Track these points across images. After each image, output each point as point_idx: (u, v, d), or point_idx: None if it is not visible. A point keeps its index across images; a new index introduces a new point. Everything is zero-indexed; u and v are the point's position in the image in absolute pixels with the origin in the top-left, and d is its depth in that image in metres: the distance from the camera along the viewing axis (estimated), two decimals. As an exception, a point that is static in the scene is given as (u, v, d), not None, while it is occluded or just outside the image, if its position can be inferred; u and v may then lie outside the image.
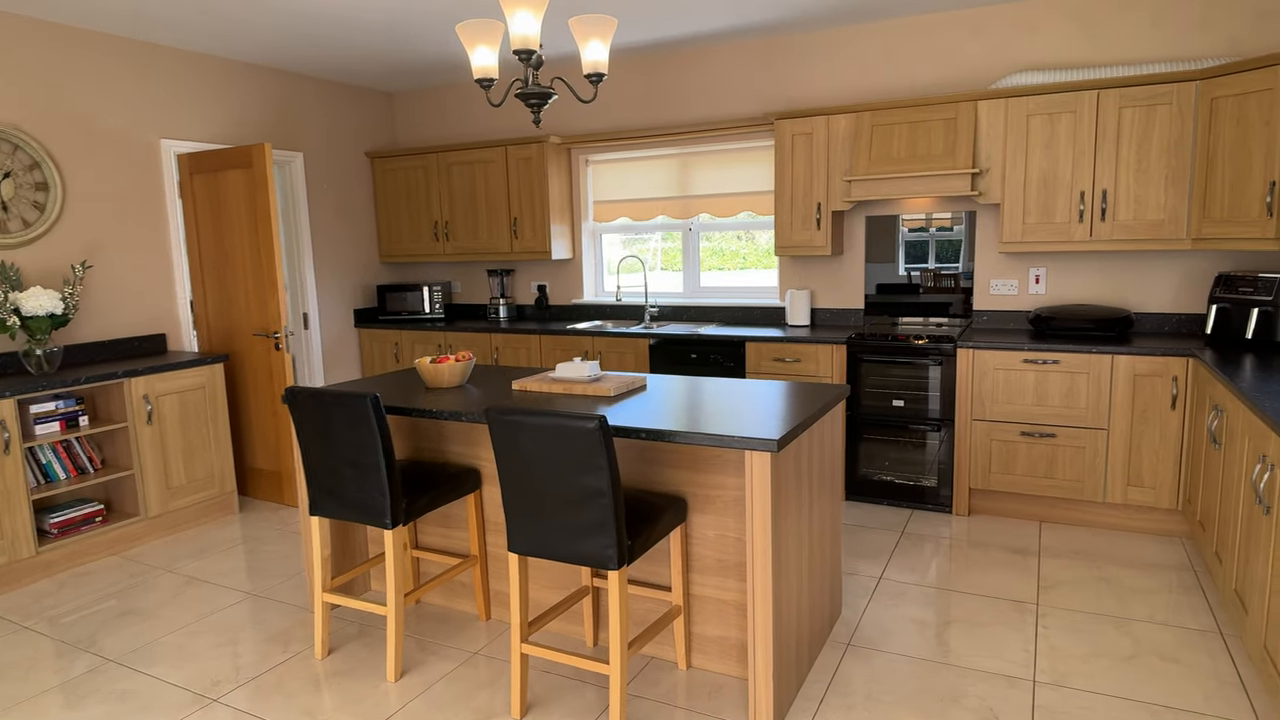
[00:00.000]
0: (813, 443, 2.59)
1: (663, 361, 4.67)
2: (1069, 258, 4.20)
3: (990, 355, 3.87)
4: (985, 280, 4.40)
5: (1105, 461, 3.72)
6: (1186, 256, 3.97)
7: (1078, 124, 3.81)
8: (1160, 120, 3.66)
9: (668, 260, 5.40)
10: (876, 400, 4.14)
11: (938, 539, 3.75)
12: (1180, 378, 3.53)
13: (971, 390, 3.93)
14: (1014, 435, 3.88)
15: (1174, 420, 3.57)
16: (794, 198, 4.46)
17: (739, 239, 5.14)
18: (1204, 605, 3.02)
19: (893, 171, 4.09)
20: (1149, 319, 4.08)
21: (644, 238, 5.43)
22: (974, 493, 4.06)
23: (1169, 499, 3.63)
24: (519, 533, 2.32)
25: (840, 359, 4.20)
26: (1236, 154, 3.44)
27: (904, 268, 4.55)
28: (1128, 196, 3.76)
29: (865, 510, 4.15)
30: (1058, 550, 3.58)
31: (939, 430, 4.02)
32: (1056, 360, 3.75)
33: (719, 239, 5.20)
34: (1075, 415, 3.75)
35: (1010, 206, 3.99)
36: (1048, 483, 3.84)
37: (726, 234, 5.18)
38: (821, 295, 4.81)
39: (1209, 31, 3.79)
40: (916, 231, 4.50)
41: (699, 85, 4.97)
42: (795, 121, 4.41)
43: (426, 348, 5.48)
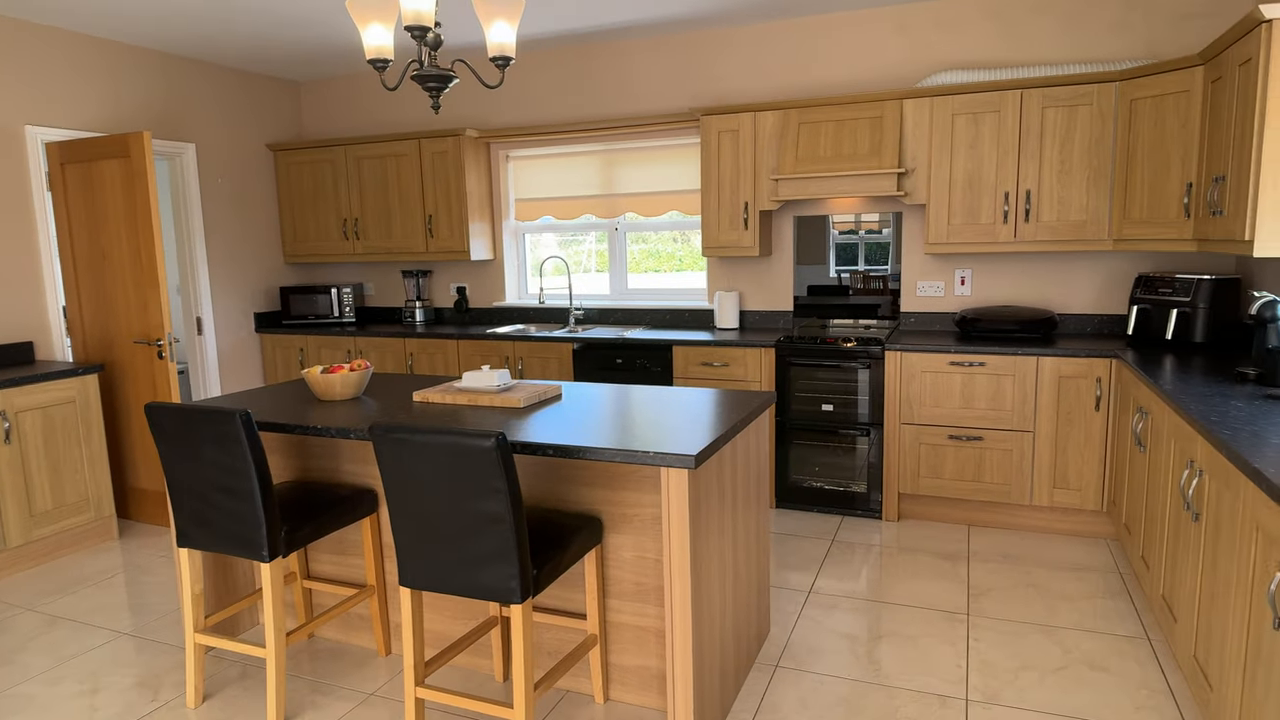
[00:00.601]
0: (737, 454, 2.42)
1: (587, 367, 4.47)
2: (994, 259, 4.17)
3: (918, 358, 3.79)
4: (912, 282, 4.34)
5: (1032, 464, 3.68)
6: (1108, 257, 3.98)
7: (1001, 124, 3.77)
8: (1081, 121, 3.64)
9: (603, 262, 5.19)
10: (806, 405, 4.02)
11: (868, 546, 3.65)
12: (1104, 379, 3.51)
13: (900, 393, 3.84)
14: (942, 439, 3.81)
15: (1098, 422, 3.55)
16: (721, 197, 4.32)
17: (675, 241, 4.98)
18: (1131, 610, 2.98)
19: (819, 171, 3.98)
20: (1072, 320, 4.07)
21: (578, 239, 5.21)
22: (903, 497, 3.98)
23: (1094, 501, 3.61)
24: (410, 564, 2.08)
25: (769, 363, 4.07)
26: (1155, 155, 3.44)
27: (834, 269, 4.46)
28: (1051, 197, 3.74)
29: (796, 518, 4.02)
30: (986, 555, 3.52)
31: (868, 434, 3.93)
32: (982, 362, 3.69)
33: (655, 240, 5.02)
34: (1002, 418, 3.70)
35: (936, 207, 3.93)
36: (975, 486, 3.79)
37: (663, 235, 5.01)
38: (751, 297, 4.69)
39: (1126, 33, 3.80)
40: (847, 233, 4.41)
41: (625, 79, 4.79)
42: (721, 118, 4.26)
43: (335, 354, 5.14)
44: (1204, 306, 3.40)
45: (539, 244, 5.34)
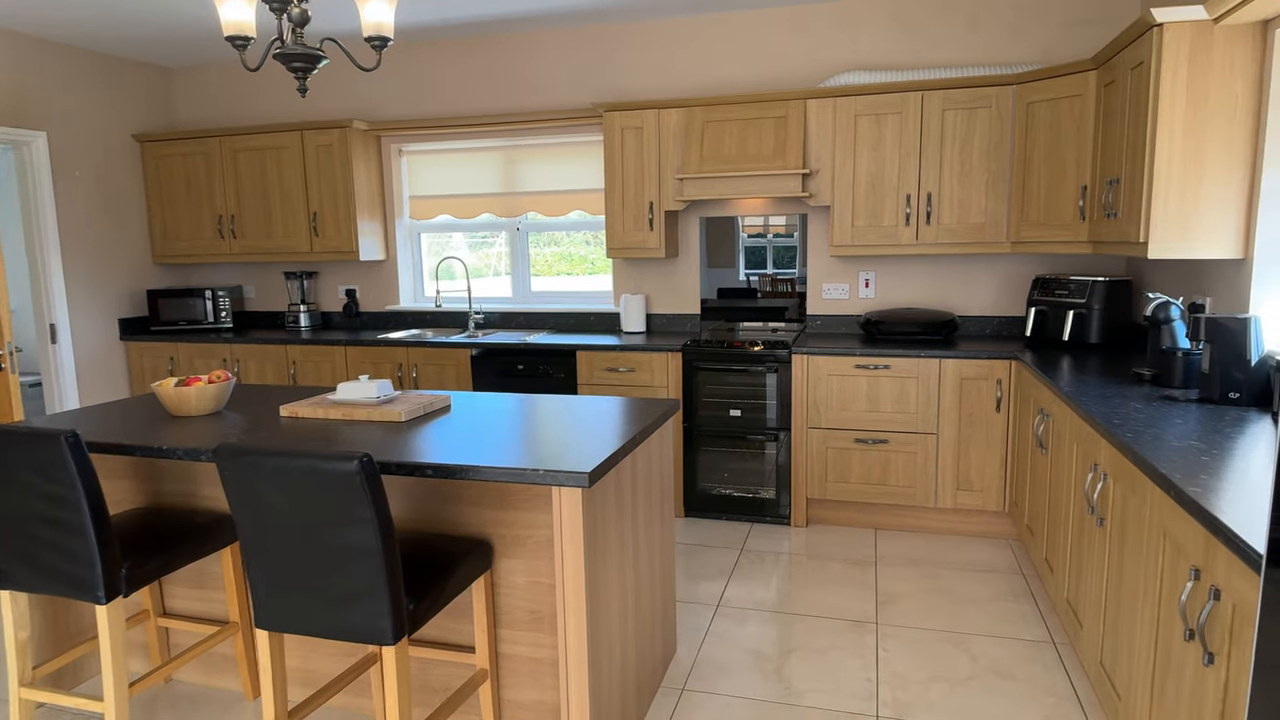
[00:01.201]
0: (638, 467, 2.26)
1: (487, 374, 4.23)
2: (897, 261, 4.18)
3: (824, 361, 3.74)
4: (818, 284, 4.30)
5: (936, 466, 3.68)
6: (1006, 259, 4.04)
7: (903, 126, 3.76)
8: (980, 123, 3.67)
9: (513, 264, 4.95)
10: (713, 410, 3.91)
11: (777, 555, 3.56)
12: (1004, 380, 3.54)
13: (807, 397, 3.78)
14: (849, 442, 3.77)
15: (999, 423, 3.58)
16: (625, 196, 4.17)
17: (588, 243, 4.79)
18: (1035, 613, 2.98)
19: (725, 170, 3.88)
20: (972, 322, 4.11)
21: (488, 240, 4.94)
22: (811, 503, 3.92)
23: (996, 502, 3.63)
24: (268, 604, 1.82)
25: (675, 367, 3.94)
26: (1051, 158, 3.48)
27: (744, 272, 4.37)
28: (951, 200, 3.75)
29: (705, 527, 3.90)
30: (893, 559, 3.49)
31: (777, 440, 3.85)
32: (887, 365, 3.66)
33: (568, 243, 4.82)
34: (906, 420, 3.68)
35: (840, 209, 3.89)
36: (882, 489, 3.76)
37: (575, 238, 4.81)
38: (658, 300, 4.55)
39: (1022, 38, 3.86)
40: (755, 235, 4.33)
41: (526, 72, 4.58)
42: (625, 114, 4.11)
43: (210, 362, 4.71)
44: (1098, 308, 3.47)
45: (448, 245, 5.05)
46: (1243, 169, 2.58)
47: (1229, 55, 2.53)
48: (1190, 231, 2.65)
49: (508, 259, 4.90)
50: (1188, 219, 2.64)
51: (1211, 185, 2.61)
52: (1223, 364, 2.39)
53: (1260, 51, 2.51)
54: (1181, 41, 2.56)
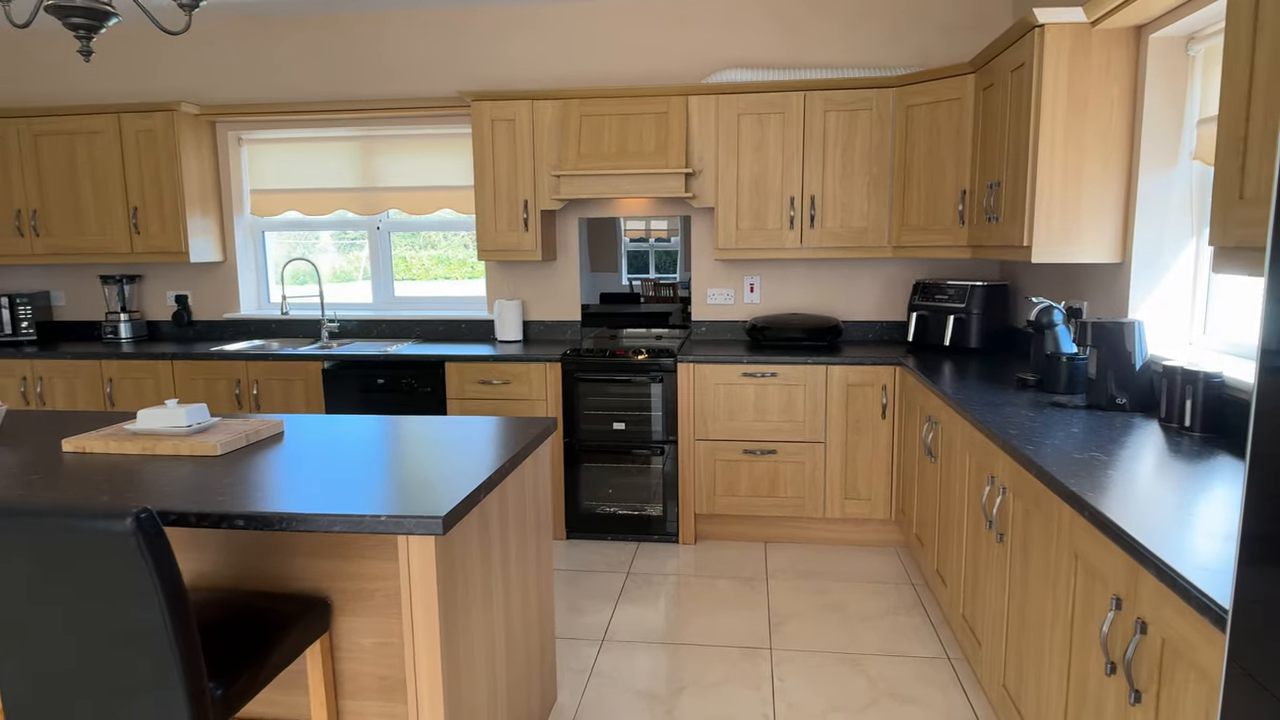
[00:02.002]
0: (509, 497, 1.97)
1: (342, 390, 3.79)
2: (782, 265, 4.07)
3: (711, 370, 3.56)
4: (703, 288, 4.13)
5: (824, 475, 3.57)
6: (889, 264, 4.01)
7: (786, 126, 3.64)
8: (862, 126, 3.60)
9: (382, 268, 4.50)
10: (596, 423, 3.65)
11: (665, 576, 3.34)
12: (889, 386, 3.47)
13: (694, 408, 3.59)
14: (737, 454, 3.61)
15: (885, 430, 3.51)
16: (498, 193, 3.84)
17: (466, 246, 4.41)
18: (928, 626, 2.89)
19: (604, 168, 3.64)
20: (856, 327, 4.06)
21: (359, 242, 4.47)
22: (700, 518, 3.74)
23: (883, 510, 3.56)
24: (21, 709, 1.40)
25: (555, 379, 3.65)
26: (931, 162, 3.45)
27: (627, 276, 4.14)
28: (835, 203, 3.66)
29: (589, 549, 3.64)
30: (785, 573, 3.34)
31: (663, 453, 3.64)
32: (774, 373, 3.53)
33: (445, 245, 4.42)
34: (794, 429, 3.56)
35: (724, 211, 3.73)
36: (771, 501, 3.62)
37: (453, 240, 4.42)
38: (535, 306, 4.25)
39: (901, 41, 3.83)
40: (638, 240, 4.11)
41: (383, 55, 4.17)
42: (495, 105, 3.79)
43: (7, 382, 4.01)
44: (977, 312, 3.46)
45: (314, 247, 4.54)
46: (1120, 173, 2.58)
47: (1106, 59, 2.52)
48: (1072, 235, 2.63)
49: (368, 261, 4.46)
50: (1069, 223, 2.62)
51: (1091, 189, 2.60)
52: (1109, 369, 2.36)
53: (1134, 56, 2.51)
54: (1062, 44, 2.53)
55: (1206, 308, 2.50)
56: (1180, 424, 2.13)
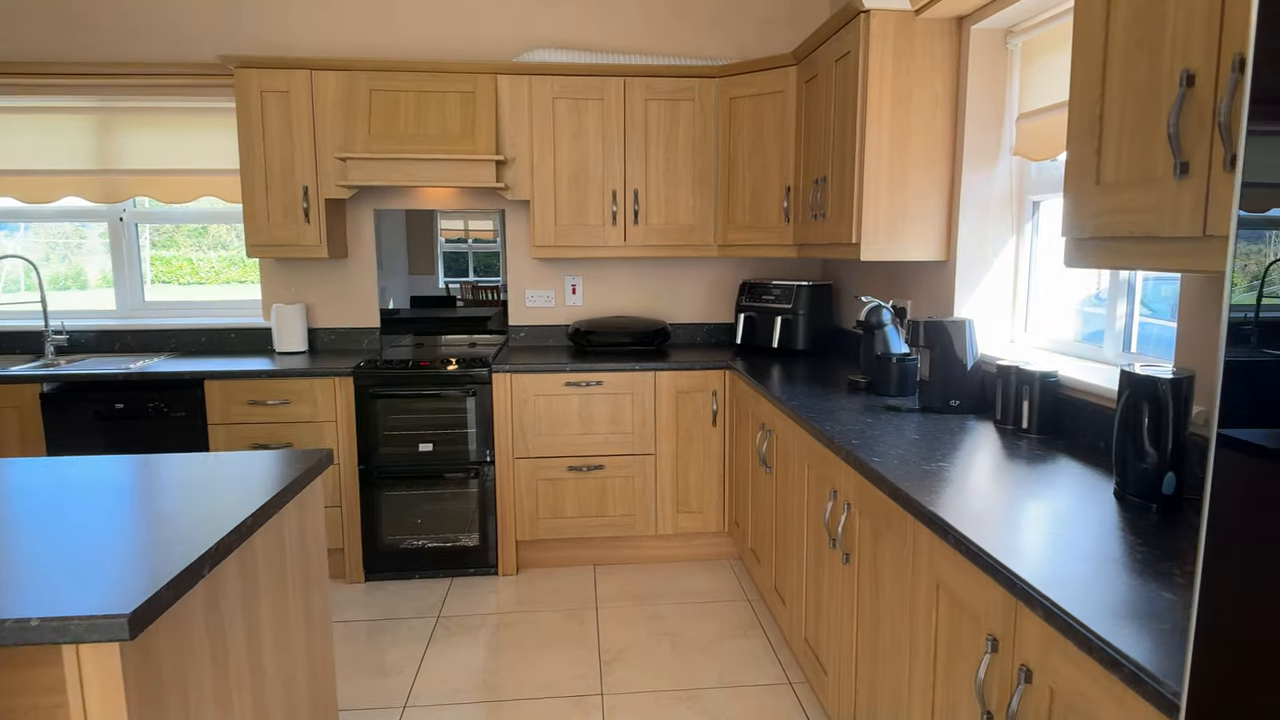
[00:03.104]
0: (257, 558, 1.51)
1: (69, 420, 3.05)
2: (605, 264, 3.79)
3: (530, 380, 3.20)
4: (520, 290, 3.76)
5: (655, 489, 3.33)
6: (715, 263, 3.84)
7: (606, 114, 3.36)
8: (685, 117, 3.40)
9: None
10: (399, 445, 3.18)
11: (483, 616, 2.94)
12: (719, 392, 3.29)
13: (512, 422, 3.21)
14: (562, 471, 3.27)
15: (716, 438, 3.32)
16: (270, 179, 3.26)
17: None
18: (767, 648, 2.71)
19: (399, 151, 3.17)
20: (684, 330, 3.86)
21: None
22: (523, 545, 3.36)
23: (716, 522, 3.38)
24: None
25: (346, 396, 3.13)
26: (755, 157, 3.31)
27: (443, 278, 3.68)
28: (659, 198, 3.43)
29: (393, 592, 3.15)
30: (615, 598, 3.05)
31: (478, 475, 3.23)
32: (600, 381, 3.24)
33: (239, 247, 3.71)
34: (623, 441, 3.28)
35: (541, 204, 3.38)
36: (600, 521, 3.32)
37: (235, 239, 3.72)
38: (323, 311, 3.68)
39: (722, 31, 3.67)
40: (456, 241, 3.66)
41: (132, 11, 3.43)
42: (266, 74, 3.21)
43: None
44: (804, 313, 3.36)
45: (82, 246, 3.65)
46: (944, 169, 2.52)
47: (930, 49, 2.44)
48: (899, 233, 2.54)
49: (121, 259, 3.68)
50: (896, 220, 2.53)
51: (917, 185, 2.52)
52: (941, 370, 2.27)
53: (956, 48, 2.45)
54: (887, 32, 2.42)
55: (1027, 305, 2.49)
56: (1017, 426, 2.05)
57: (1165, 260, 1.25)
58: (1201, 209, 1.16)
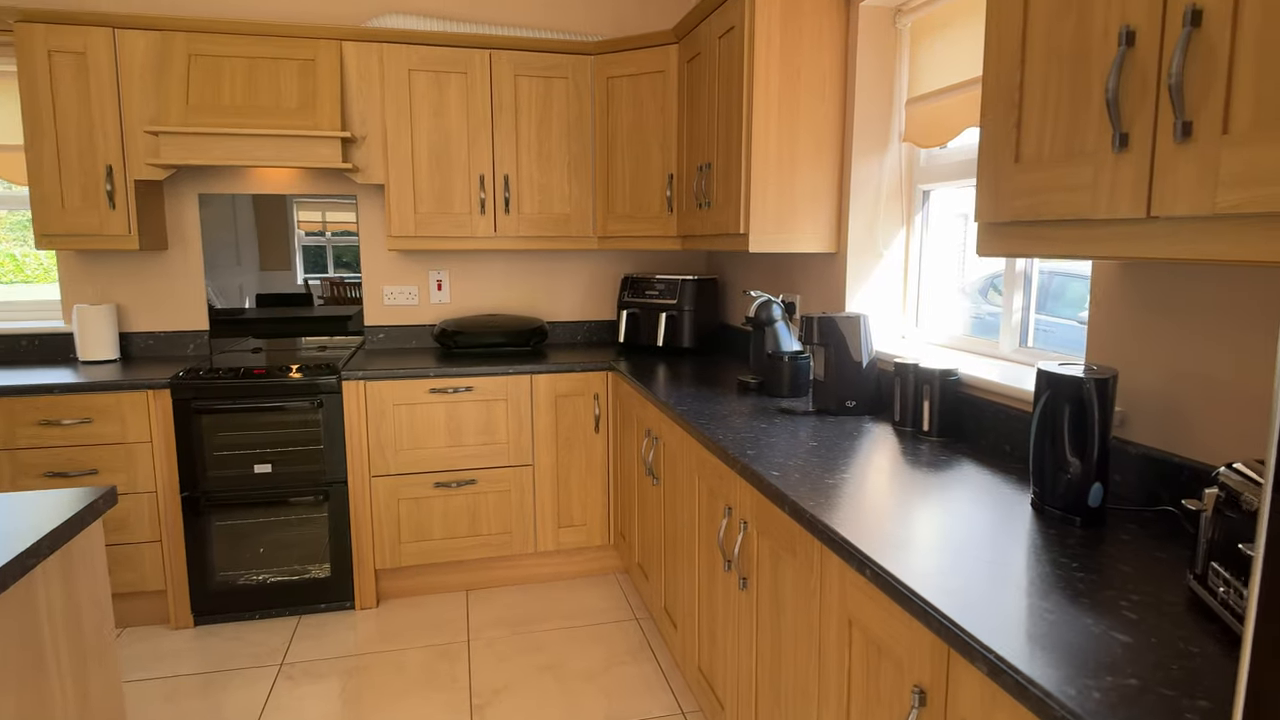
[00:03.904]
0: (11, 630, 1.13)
1: None
2: (474, 257, 3.46)
3: (388, 387, 2.84)
4: (378, 287, 3.37)
5: (534, 503, 3.04)
6: (595, 256, 3.59)
7: (471, 90, 3.04)
8: (558, 97, 3.12)
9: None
10: (231, 467, 2.74)
11: (335, 660, 2.57)
12: (602, 395, 3.04)
13: (368, 436, 2.84)
14: (428, 489, 2.93)
15: (599, 445, 3.08)
16: (64, 156, 2.74)
17: None
18: (659, 674, 2.49)
19: (225, 126, 2.73)
20: (563, 328, 3.59)
21: None
22: (383, 574, 3.00)
23: (601, 535, 3.13)
24: None
25: (163, 411, 2.67)
26: (635, 142, 3.07)
27: (302, 275, 3.24)
28: (532, 185, 3.14)
29: (229, 637, 2.72)
30: (491, 627, 2.75)
31: (328, 498, 2.84)
32: (469, 387, 2.92)
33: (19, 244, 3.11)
34: (497, 453, 2.98)
35: (398, 189, 3.02)
36: (473, 542, 3.00)
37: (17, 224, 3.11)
38: (138, 313, 3.16)
39: (597, 4, 3.41)
40: (317, 234, 3.23)
41: None
42: (56, 30, 2.69)
43: None
44: (689, 309, 3.16)
45: None
46: (833, 155, 2.37)
47: (818, 28, 2.28)
48: (788, 223, 2.37)
49: None
50: (785, 208, 2.36)
51: (806, 171, 2.35)
52: (837, 369, 2.11)
53: (844, 28, 2.30)
54: (773, 7, 2.24)
55: (918, 300, 2.39)
56: (917, 428, 1.91)
57: (1099, 246, 1.10)
58: (1145, 187, 1.00)
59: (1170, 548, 1.21)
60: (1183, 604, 1.02)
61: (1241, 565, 0.91)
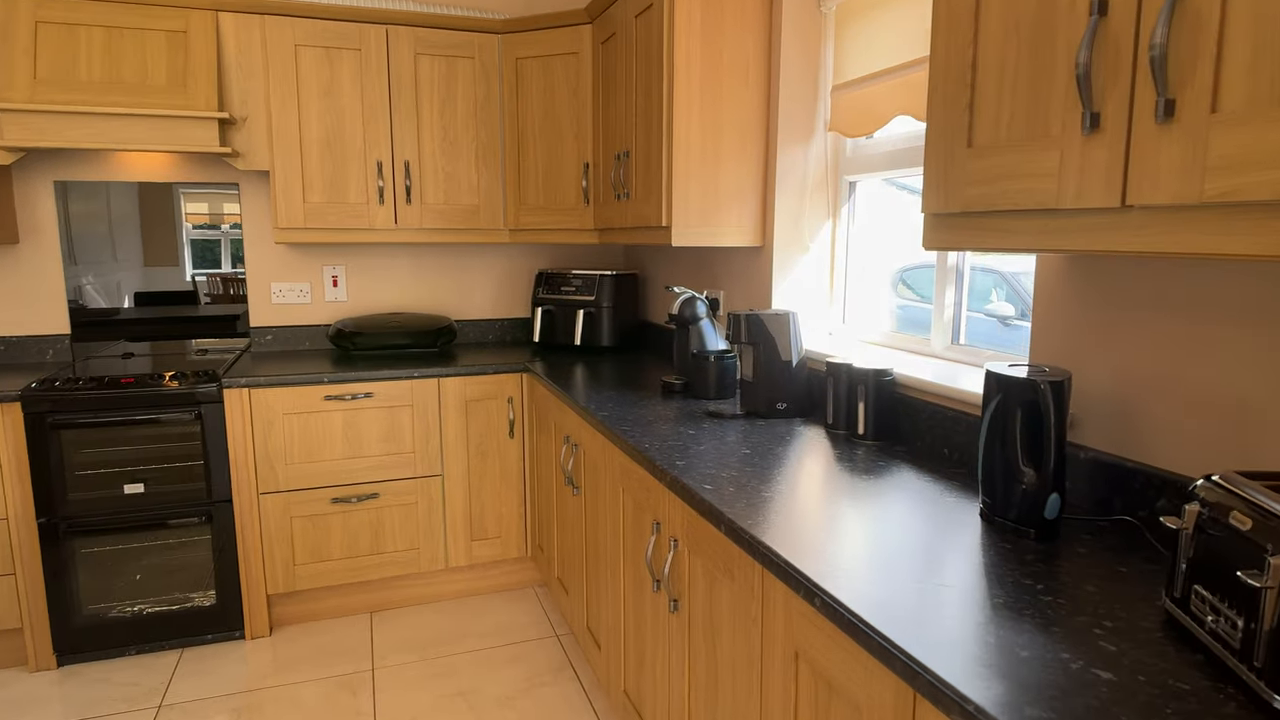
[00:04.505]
0: None
1: None
2: (374, 252, 3.20)
3: (277, 394, 2.58)
4: (265, 284, 3.08)
5: (444, 516, 2.83)
6: (507, 250, 3.38)
7: (366, 68, 2.79)
8: (464, 78, 2.90)
9: None
10: (97, 488, 2.43)
11: (222, 698, 2.30)
12: (516, 399, 2.86)
13: (254, 449, 2.57)
14: (325, 506, 2.68)
15: (515, 451, 2.89)
16: (-121, 133, 2.35)
17: None
18: (580, 694, 2.33)
19: (82, 103, 2.41)
20: (473, 327, 3.37)
21: None
22: (276, 600, 2.73)
23: (517, 547, 2.95)
24: None
25: (13, 427, 2.33)
26: (548, 129, 2.89)
27: (190, 271, 2.91)
28: (436, 173, 2.92)
29: (98, 677, 2.41)
30: (399, 652, 2.54)
31: (210, 519, 2.55)
32: (369, 392, 2.68)
33: None
34: (402, 463, 2.75)
35: (285, 176, 2.75)
36: (377, 560, 2.77)
37: None
38: (-17, 314, 2.78)
39: (501, -15, 3.21)
40: (207, 227, 2.89)
41: None
42: None
43: None
44: (609, 306, 3.01)
45: None
46: (758, 144, 2.26)
47: (740, 5, 2.16)
48: (712, 215, 2.25)
49: None
50: (709, 200, 2.23)
51: (731, 162, 2.23)
52: (766, 369, 2.00)
53: (768, 5, 2.19)
54: (694, -19, 2.10)
55: (845, 296, 2.30)
56: (851, 431, 1.82)
57: (1064, 239, 1.00)
58: (1120, 173, 0.91)
59: (1131, 561, 1.14)
60: (1158, 628, 0.94)
61: (1234, 591, 0.83)
